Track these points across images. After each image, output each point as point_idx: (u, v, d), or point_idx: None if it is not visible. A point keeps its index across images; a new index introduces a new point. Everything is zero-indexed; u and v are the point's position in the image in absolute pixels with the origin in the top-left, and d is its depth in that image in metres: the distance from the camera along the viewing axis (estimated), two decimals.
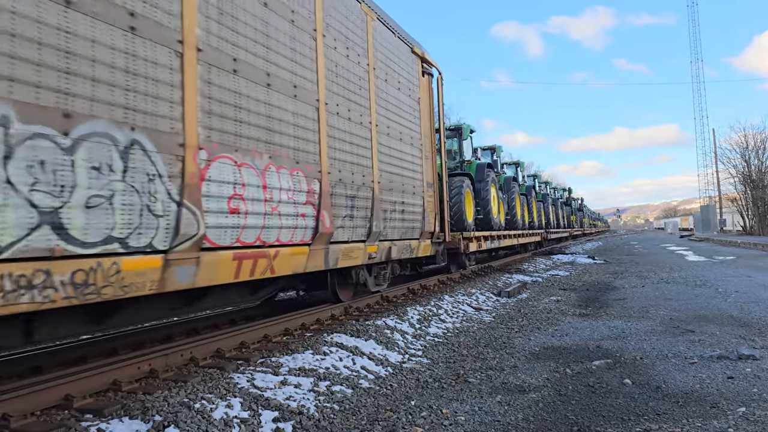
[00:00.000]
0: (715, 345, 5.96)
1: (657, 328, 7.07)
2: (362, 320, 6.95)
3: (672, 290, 10.82)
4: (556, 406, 4.24)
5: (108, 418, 3.57)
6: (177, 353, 4.90)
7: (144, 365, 4.54)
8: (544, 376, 5.09)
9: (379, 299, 8.60)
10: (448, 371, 5.34)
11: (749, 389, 4.42)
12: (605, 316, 8.17)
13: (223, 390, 4.14)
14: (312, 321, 6.76)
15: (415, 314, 7.60)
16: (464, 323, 7.77)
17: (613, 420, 3.90)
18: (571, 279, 14.00)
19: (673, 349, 5.86)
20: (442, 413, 4.12)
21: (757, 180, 38.86)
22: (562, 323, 7.70)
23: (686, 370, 5.08)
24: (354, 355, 5.49)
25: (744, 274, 13.24)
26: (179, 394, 3.96)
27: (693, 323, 7.25)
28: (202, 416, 3.66)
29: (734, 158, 42.22)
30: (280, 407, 4.00)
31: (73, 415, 3.67)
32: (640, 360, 5.50)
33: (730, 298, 9.32)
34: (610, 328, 7.21)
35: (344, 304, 7.68)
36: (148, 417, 3.56)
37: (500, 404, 4.31)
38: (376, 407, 4.27)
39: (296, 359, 5.08)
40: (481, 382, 4.92)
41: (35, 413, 3.65)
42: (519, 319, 8.08)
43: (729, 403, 4.11)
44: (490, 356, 5.90)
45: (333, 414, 4.05)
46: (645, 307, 8.74)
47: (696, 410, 4.00)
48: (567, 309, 9.01)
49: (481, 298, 9.93)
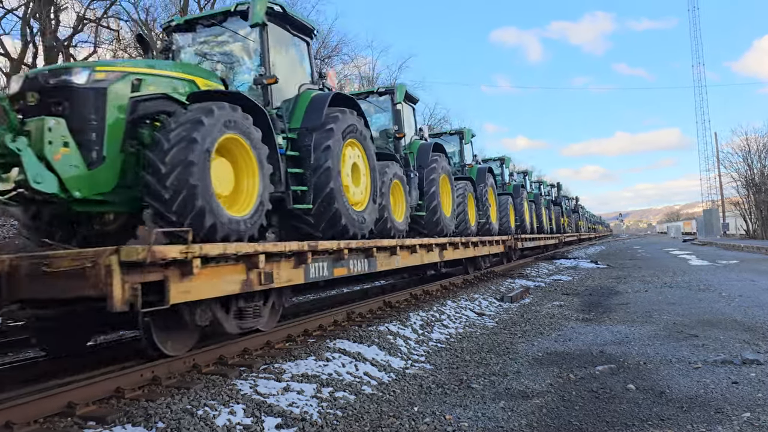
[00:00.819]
0: (719, 350, 5.94)
1: (660, 332, 7.05)
2: (365, 326, 6.94)
3: (675, 295, 10.79)
4: (560, 412, 4.23)
5: (111, 425, 3.57)
6: (180, 360, 4.90)
7: (147, 372, 4.53)
8: (548, 381, 5.08)
9: (382, 304, 8.58)
10: (451, 377, 5.33)
11: (754, 394, 4.40)
12: (608, 321, 8.15)
13: (226, 396, 4.14)
14: (315, 327, 6.76)
15: (417, 320, 7.60)
16: (467, 329, 7.75)
17: (617, 426, 3.88)
18: (574, 284, 13.96)
19: (677, 354, 5.84)
20: (446, 419, 4.11)
21: (759, 184, 38.79)
22: (566, 328, 7.69)
23: (690, 375, 5.06)
24: (357, 361, 5.48)
25: (747, 278, 13.19)
26: (182, 401, 3.96)
27: (697, 328, 7.22)
28: (205, 423, 3.66)
29: (737, 162, 42.17)
30: (283, 414, 4.00)
31: (76, 422, 3.67)
32: (644, 365, 5.48)
33: (733, 303, 9.28)
34: (613, 333, 7.19)
35: (347, 309, 7.66)
36: (150, 424, 3.56)
37: (504, 410, 4.29)
38: (379, 413, 4.26)
39: (299, 365, 5.07)
40: (485, 388, 4.91)
41: (38, 420, 3.66)
42: (522, 325, 8.06)
43: (733, 408, 4.09)
44: (493, 362, 5.89)
45: (336, 420, 4.05)
46: (648, 312, 8.72)
47: (700, 415, 3.99)
48: (570, 314, 8.99)
49: (483, 303, 9.92)
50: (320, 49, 27.20)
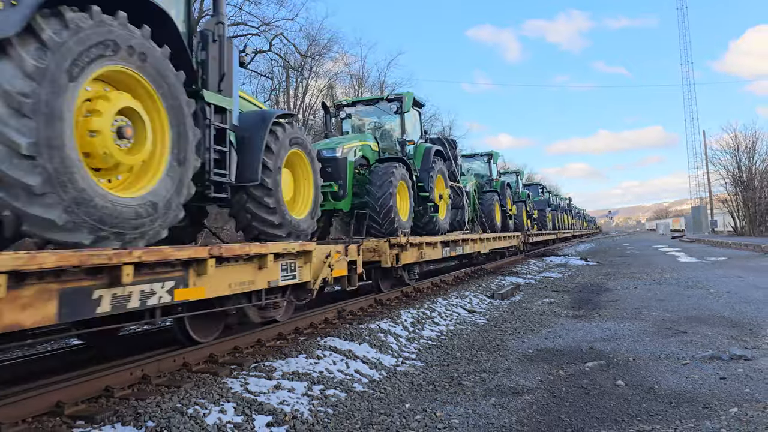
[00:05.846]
0: (708, 346, 6.00)
1: (649, 329, 7.10)
2: (356, 324, 6.94)
3: (664, 291, 10.88)
4: (550, 408, 4.25)
5: (100, 424, 3.54)
6: (169, 358, 4.87)
7: (136, 371, 4.50)
8: (538, 378, 5.10)
9: (373, 302, 8.59)
10: (441, 374, 5.34)
11: (741, 389, 4.45)
12: (598, 317, 8.20)
13: (216, 395, 4.12)
14: (305, 325, 6.75)
15: (408, 317, 7.60)
16: (458, 326, 7.77)
17: (607, 421, 3.91)
18: (564, 281, 14.04)
19: (666, 350, 5.89)
20: (436, 416, 4.11)
21: (747, 181, 39.12)
22: (555, 325, 7.73)
23: (679, 370, 5.10)
24: (348, 359, 5.48)
25: (735, 275, 13.32)
26: (172, 400, 3.94)
27: (685, 324, 7.29)
28: (195, 422, 3.64)
29: (725, 159, 42.46)
30: (274, 412, 3.99)
31: (65, 421, 3.64)
32: (633, 361, 5.52)
33: (721, 299, 9.37)
34: (603, 329, 7.24)
35: (338, 307, 7.66)
36: (140, 423, 3.54)
37: (494, 407, 4.31)
38: (370, 411, 4.26)
39: (290, 363, 5.06)
40: (475, 385, 4.92)
41: (27, 420, 3.62)
42: (512, 322, 8.09)
43: (721, 404, 4.13)
44: (483, 359, 5.91)
45: (327, 418, 4.04)
46: (638, 309, 8.78)
47: (689, 411, 4.02)
48: (560, 311, 9.03)
49: (474, 300, 9.94)
50: (311, 47, 27.12)
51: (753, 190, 38.50)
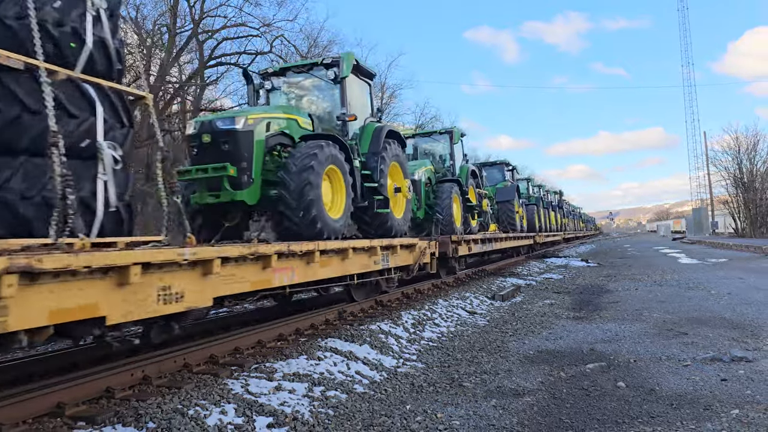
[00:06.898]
0: (708, 347, 5.99)
1: (650, 330, 7.10)
2: (357, 325, 6.94)
3: (665, 293, 10.87)
4: (551, 410, 4.25)
5: (101, 425, 3.55)
6: (170, 359, 4.87)
7: (137, 372, 4.51)
8: (539, 379, 5.10)
9: (374, 303, 8.59)
10: (442, 375, 5.34)
11: (742, 391, 4.44)
12: (599, 319, 8.20)
13: (217, 396, 4.13)
14: (306, 326, 6.75)
15: (409, 318, 7.60)
16: (459, 327, 7.77)
17: (608, 423, 3.90)
18: (565, 282, 14.03)
19: (667, 352, 5.88)
20: (437, 418, 4.11)
21: (748, 183, 39.06)
22: (556, 326, 7.72)
23: (680, 372, 5.10)
24: (348, 360, 5.48)
25: (736, 276, 13.30)
26: (173, 401, 3.94)
27: (686, 326, 7.28)
28: (196, 423, 3.64)
29: (726, 161, 42.39)
30: (275, 413, 3.99)
31: (66, 422, 3.64)
32: (634, 363, 5.52)
33: (722, 300, 9.36)
34: (603, 331, 7.23)
35: (338, 308, 7.66)
36: (141, 424, 3.54)
37: (495, 408, 4.31)
38: (371, 412, 4.26)
39: (290, 364, 5.06)
40: (476, 386, 4.92)
41: (27, 421, 3.62)
42: (513, 323, 8.09)
43: (722, 405, 4.12)
44: (484, 360, 5.90)
45: (328, 419, 4.04)
46: (638, 310, 8.77)
47: (690, 412, 4.02)
48: (561, 312, 9.03)
49: (475, 302, 9.94)
50: (311, 48, 27.14)
51: (754, 191, 38.44)
